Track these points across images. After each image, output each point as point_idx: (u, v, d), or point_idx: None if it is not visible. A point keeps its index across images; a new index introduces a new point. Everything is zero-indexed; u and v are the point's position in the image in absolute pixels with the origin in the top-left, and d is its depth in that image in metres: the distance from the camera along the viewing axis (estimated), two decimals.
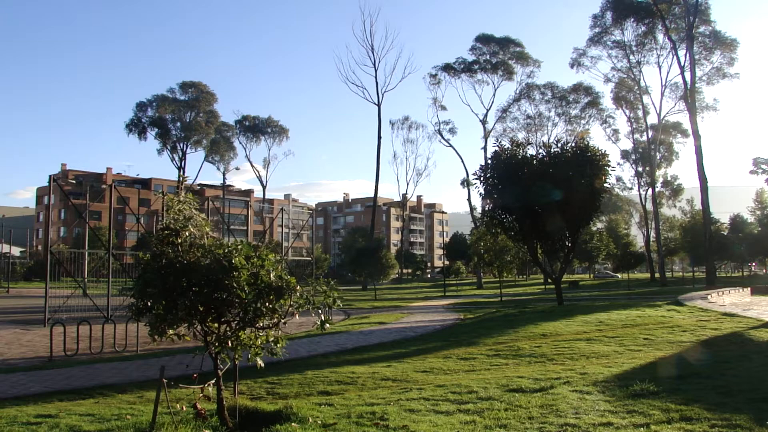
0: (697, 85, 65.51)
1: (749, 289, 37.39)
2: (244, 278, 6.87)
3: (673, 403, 8.20)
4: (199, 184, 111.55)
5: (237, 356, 7.42)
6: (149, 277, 7.00)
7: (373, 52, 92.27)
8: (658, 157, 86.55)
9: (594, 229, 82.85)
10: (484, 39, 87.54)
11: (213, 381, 7.27)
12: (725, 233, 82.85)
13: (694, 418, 7.46)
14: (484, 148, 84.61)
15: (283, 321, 7.36)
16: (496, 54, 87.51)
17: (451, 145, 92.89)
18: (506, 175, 30.44)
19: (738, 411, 7.74)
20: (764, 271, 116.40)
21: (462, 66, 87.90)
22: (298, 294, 7.22)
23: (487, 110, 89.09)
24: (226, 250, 7.09)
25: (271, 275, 7.08)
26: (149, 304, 7.07)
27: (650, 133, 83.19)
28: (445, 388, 10.08)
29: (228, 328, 7.27)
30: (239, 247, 7.18)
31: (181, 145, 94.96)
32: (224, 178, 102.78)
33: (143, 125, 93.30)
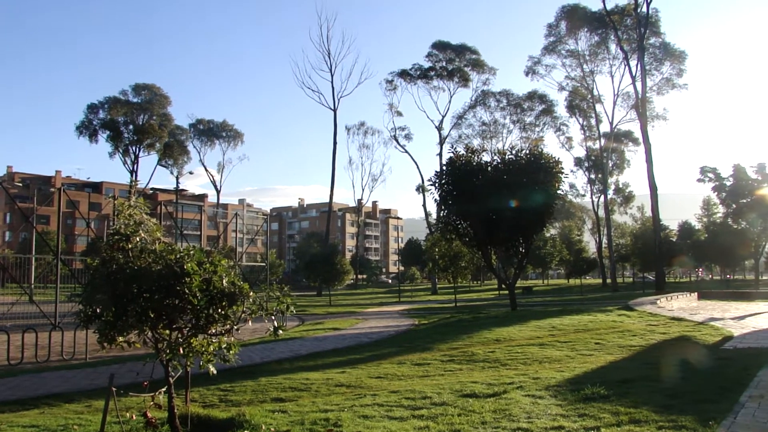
0: (647, 94, 66.92)
1: (696, 294, 38.17)
2: (197, 284, 6.77)
3: (623, 406, 8.34)
4: (151, 188, 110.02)
5: (189, 363, 7.31)
6: (98, 282, 6.86)
7: (329, 57, 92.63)
8: (610, 165, 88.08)
9: (547, 235, 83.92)
10: (440, 46, 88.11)
11: (164, 389, 7.15)
12: (674, 240, 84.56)
13: (643, 421, 7.61)
14: (440, 155, 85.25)
15: (236, 327, 7.27)
16: (452, 61, 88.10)
17: (406, 151, 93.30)
18: (461, 181, 30.63)
19: (684, 412, 7.92)
20: (711, 276, 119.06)
21: (418, 72, 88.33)
22: (251, 300, 7.14)
23: (443, 116, 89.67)
24: (178, 256, 6.98)
25: (224, 281, 6.99)
26: (98, 310, 6.92)
27: (603, 141, 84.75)
28: (399, 394, 10.08)
29: (180, 335, 7.15)
30: (191, 252, 7.08)
31: (134, 148, 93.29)
32: (177, 183, 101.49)
33: (94, 127, 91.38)
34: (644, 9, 58.87)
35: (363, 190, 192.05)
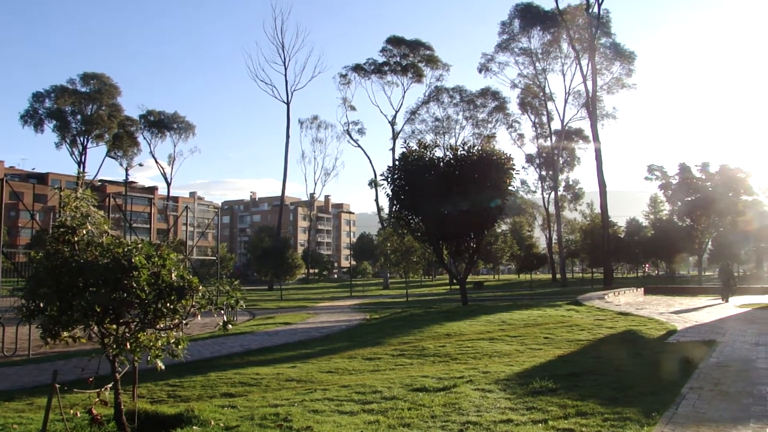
0: (598, 93, 67.99)
1: (643, 289, 38.97)
2: (145, 278, 6.66)
3: (570, 399, 8.49)
4: (100, 180, 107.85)
5: (136, 359, 7.20)
6: (42, 276, 6.70)
7: (283, 50, 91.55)
8: (561, 162, 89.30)
9: (498, 231, 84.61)
10: (394, 41, 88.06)
11: (110, 385, 7.03)
12: (622, 236, 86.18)
13: (589, 413, 7.76)
14: (393, 150, 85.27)
15: (184, 322, 7.18)
16: (407, 56, 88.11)
17: (359, 146, 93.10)
18: (413, 176, 30.68)
19: (629, 405, 8.12)
20: (657, 272, 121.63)
21: (372, 67, 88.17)
22: (200, 294, 7.05)
23: (396, 112, 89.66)
24: (126, 249, 6.86)
25: (173, 275, 6.90)
26: (42, 305, 6.76)
27: (554, 139, 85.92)
28: (349, 389, 10.08)
29: (127, 330, 7.03)
30: (140, 245, 6.97)
31: (82, 139, 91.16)
32: (127, 175, 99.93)
33: (40, 117, 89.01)
34: (596, 9, 59.71)
35: (315, 184, 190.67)
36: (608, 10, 73.53)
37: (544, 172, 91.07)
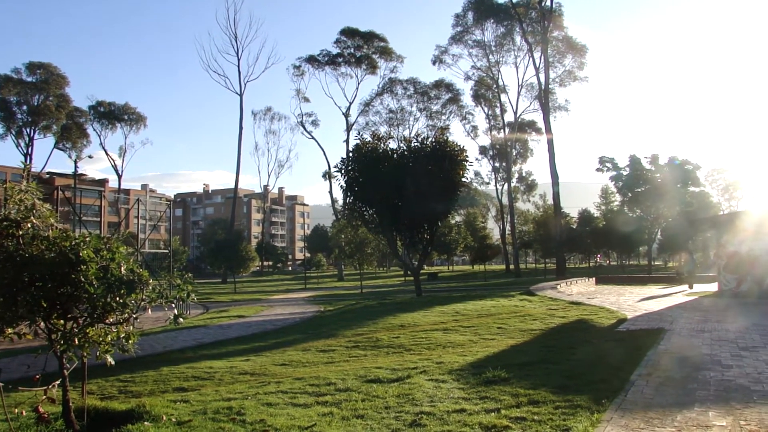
0: (550, 86, 68.99)
1: (594, 279, 39.60)
2: (93, 272, 6.53)
3: (522, 388, 8.60)
4: (47, 173, 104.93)
5: (85, 354, 7.06)
6: None
7: (236, 41, 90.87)
8: (514, 154, 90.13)
9: (452, 222, 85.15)
10: (349, 32, 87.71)
11: (58, 382, 6.89)
12: (574, 227, 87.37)
13: (541, 401, 7.88)
14: (347, 141, 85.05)
15: (134, 316, 7.06)
16: (361, 48, 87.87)
17: (313, 138, 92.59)
18: (367, 168, 30.73)
19: (580, 392, 8.26)
20: (608, 262, 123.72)
21: (326, 58, 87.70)
22: (150, 288, 6.95)
23: (350, 103, 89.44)
24: (73, 243, 6.71)
25: (122, 268, 6.77)
26: None
27: (507, 131, 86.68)
28: (303, 381, 10.06)
29: (75, 325, 6.88)
30: (88, 239, 6.82)
31: (28, 130, 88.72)
32: (76, 167, 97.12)
33: None
34: (548, 3, 60.40)
35: (269, 176, 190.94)
36: (560, 3, 74.38)
37: (497, 164, 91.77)
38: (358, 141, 32.65)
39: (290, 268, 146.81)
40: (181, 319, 7.15)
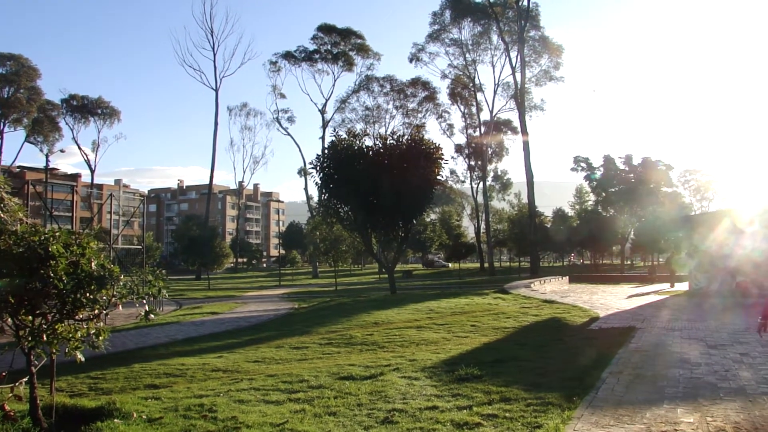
0: (526, 85, 69.11)
1: (568, 277, 39.94)
2: (62, 267, 6.44)
3: (495, 386, 8.65)
4: (18, 166, 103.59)
5: (54, 351, 6.96)
6: None
7: (212, 36, 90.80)
8: (490, 153, 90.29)
9: (427, 220, 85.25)
10: (326, 29, 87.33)
11: (25, 379, 6.79)
12: (548, 226, 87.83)
13: (513, 399, 7.92)
14: (323, 138, 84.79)
15: (105, 312, 6.99)
16: (338, 44, 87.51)
17: (289, 134, 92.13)
18: (342, 165, 30.67)
19: (551, 390, 8.33)
20: (582, 261, 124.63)
21: (303, 55, 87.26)
22: (121, 284, 6.88)
23: (327, 100, 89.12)
24: (42, 238, 6.62)
25: (93, 264, 6.69)
26: None
27: (483, 129, 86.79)
28: (276, 378, 10.03)
29: (44, 321, 6.79)
30: (57, 234, 6.74)
31: None
32: (47, 161, 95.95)
33: None
34: (525, 2, 60.71)
35: (244, 172, 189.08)
36: (537, 3, 74.53)
37: (473, 162, 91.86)
38: (334, 138, 32.56)
39: (265, 265, 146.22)
40: (152, 316, 7.08)
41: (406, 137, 31.88)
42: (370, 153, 31.11)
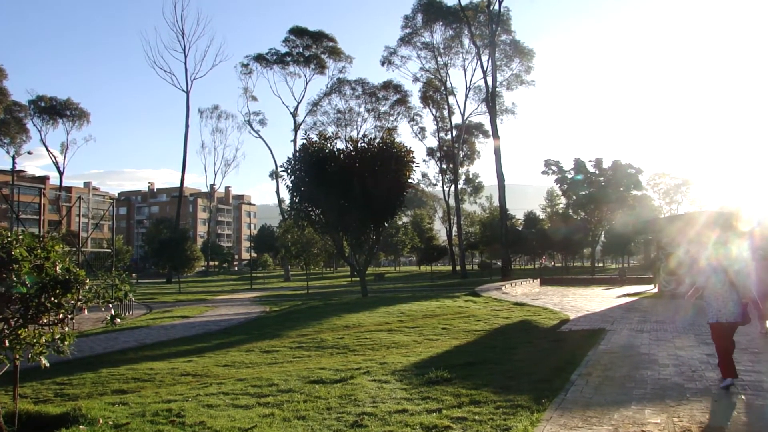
0: (498, 89, 69.50)
1: (539, 280, 40.15)
2: (26, 271, 6.34)
3: (465, 389, 8.67)
4: None
5: (17, 357, 6.85)
6: None
7: (183, 37, 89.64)
8: (462, 156, 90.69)
9: (399, 223, 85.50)
10: (297, 32, 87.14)
11: None
12: (520, 228, 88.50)
13: (482, 401, 7.95)
14: (294, 141, 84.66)
15: (70, 317, 6.88)
16: (309, 47, 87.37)
17: (260, 137, 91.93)
18: (314, 168, 30.60)
19: (521, 392, 8.38)
20: (553, 263, 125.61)
21: (275, 57, 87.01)
22: (87, 288, 6.78)
23: (298, 103, 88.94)
24: (5, 241, 6.50)
25: (57, 268, 6.59)
26: None
27: (454, 133, 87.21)
28: (245, 382, 9.97)
29: (6, 326, 6.67)
30: (20, 237, 6.63)
31: None
32: (14, 163, 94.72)
33: None
34: (496, 6, 60.90)
35: (216, 175, 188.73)
36: (509, 8, 75.84)
37: (444, 166, 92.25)
38: (305, 141, 32.45)
39: (236, 268, 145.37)
40: (119, 320, 7.00)
41: (377, 140, 31.90)
42: (342, 156, 31.08)
